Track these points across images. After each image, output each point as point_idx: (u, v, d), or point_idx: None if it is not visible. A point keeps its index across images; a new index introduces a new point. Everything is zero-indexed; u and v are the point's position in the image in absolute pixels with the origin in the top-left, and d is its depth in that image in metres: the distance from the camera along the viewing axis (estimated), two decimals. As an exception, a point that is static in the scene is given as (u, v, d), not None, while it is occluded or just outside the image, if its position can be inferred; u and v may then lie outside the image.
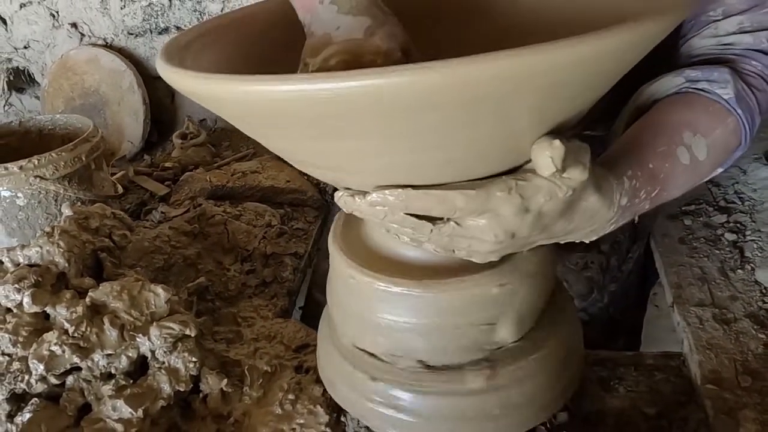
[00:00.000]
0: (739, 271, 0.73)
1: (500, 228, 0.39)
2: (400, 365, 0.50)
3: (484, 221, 0.39)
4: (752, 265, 0.73)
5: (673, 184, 0.49)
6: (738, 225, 0.81)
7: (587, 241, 0.46)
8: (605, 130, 0.67)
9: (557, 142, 0.35)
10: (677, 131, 0.50)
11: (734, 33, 0.57)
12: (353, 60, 0.43)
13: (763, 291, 0.69)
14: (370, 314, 0.50)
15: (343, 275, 0.51)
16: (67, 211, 0.70)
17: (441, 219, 0.40)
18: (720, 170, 0.56)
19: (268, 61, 0.51)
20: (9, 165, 0.80)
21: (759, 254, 0.75)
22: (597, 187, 0.41)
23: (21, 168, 0.80)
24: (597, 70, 0.34)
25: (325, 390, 0.61)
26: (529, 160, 0.38)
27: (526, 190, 0.38)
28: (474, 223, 0.39)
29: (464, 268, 0.46)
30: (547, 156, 0.36)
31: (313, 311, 0.89)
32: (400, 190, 0.38)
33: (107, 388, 0.58)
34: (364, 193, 0.40)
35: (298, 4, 0.49)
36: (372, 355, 0.52)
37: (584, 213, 0.41)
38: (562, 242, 0.45)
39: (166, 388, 0.59)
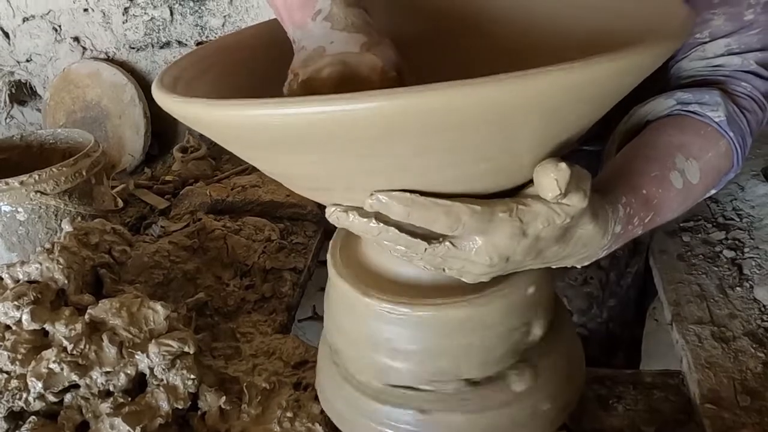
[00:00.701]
0: (738, 288, 0.73)
1: (495, 251, 0.38)
2: (444, 389, 0.49)
3: (480, 243, 0.38)
4: (751, 282, 0.74)
5: (666, 209, 0.49)
6: (736, 242, 0.81)
7: (579, 266, 0.46)
8: (602, 145, 0.67)
9: (563, 165, 0.35)
10: (670, 155, 0.50)
11: (722, 55, 0.57)
12: (348, 71, 0.43)
13: (762, 309, 0.70)
14: (393, 343, 0.49)
15: (358, 305, 0.50)
16: (67, 227, 0.70)
17: (435, 239, 0.39)
18: (713, 191, 0.56)
19: (262, 83, 0.52)
20: (10, 180, 0.80)
21: (757, 272, 0.75)
22: (594, 215, 0.41)
23: (22, 183, 0.80)
24: (595, 94, 0.34)
25: (323, 408, 0.61)
26: (528, 184, 0.38)
27: (526, 215, 0.37)
28: (469, 245, 0.39)
29: (471, 286, 0.46)
30: (552, 178, 0.35)
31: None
32: (407, 194, 0.36)
33: (105, 406, 0.58)
34: (357, 209, 0.39)
35: (287, 20, 0.49)
36: (409, 387, 0.50)
37: (579, 240, 0.41)
38: (553, 266, 0.45)
39: (165, 406, 0.59)
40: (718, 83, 0.56)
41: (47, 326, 0.60)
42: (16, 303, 0.60)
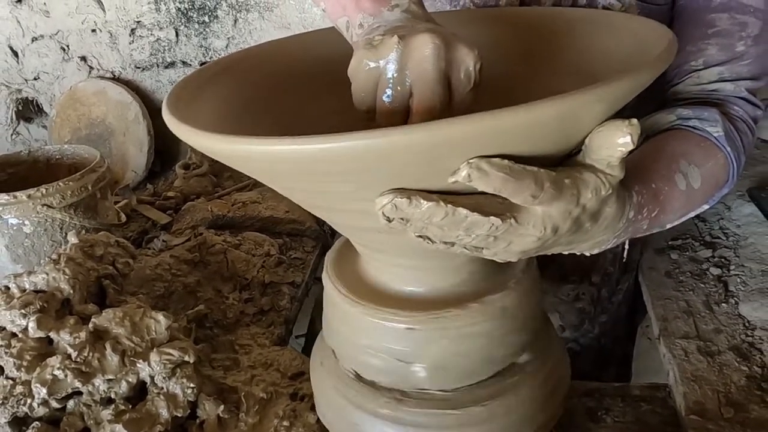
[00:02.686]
0: (724, 304, 0.75)
1: (550, 221, 0.37)
2: (424, 397, 0.50)
3: (539, 213, 0.36)
4: (736, 299, 0.76)
5: (670, 208, 0.49)
6: (723, 260, 0.83)
7: (588, 254, 0.46)
8: None
9: (635, 120, 0.34)
10: (674, 159, 0.52)
11: (716, 81, 0.60)
12: (440, 30, 0.41)
13: (746, 324, 0.72)
14: (379, 350, 0.50)
15: (347, 312, 0.52)
16: (73, 239, 0.73)
17: (498, 215, 0.36)
18: (706, 207, 0.58)
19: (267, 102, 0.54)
20: (18, 193, 0.83)
21: (743, 288, 0.77)
22: (618, 194, 0.40)
23: (29, 196, 0.83)
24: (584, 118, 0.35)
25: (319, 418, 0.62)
26: (573, 154, 0.37)
27: (580, 184, 0.36)
28: (528, 217, 0.36)
29: (467, 296, 0.48)
30: (627, 132, 0.34)
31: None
32: (504, 161, 0.34)
33: (107, 413, 0.59)
34: (422, 194, 0.35)
35: (354, 7, 0.46)
36: (403, 392, 0.51)
37: (604, 220, 0.41)
38: (566, 252, 0.44)
39: (164, 414, 0.60)
40: (715, 104, 0.59)
41: (52, 334, 0.62)
42: (22, 311, 0.62)
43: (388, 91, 0.40)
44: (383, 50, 0.40)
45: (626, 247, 0.52)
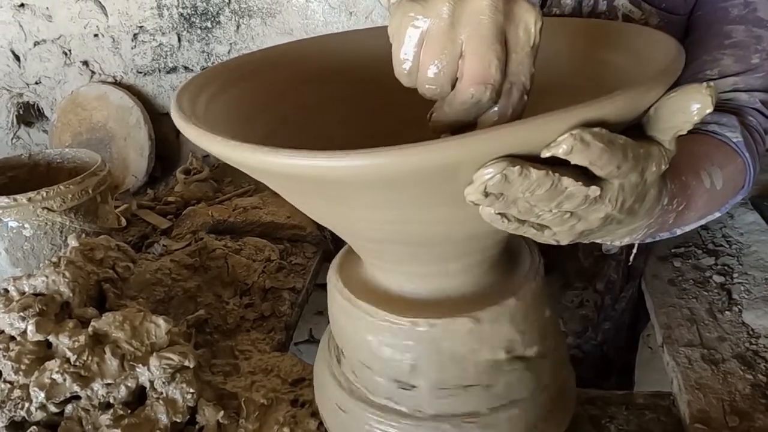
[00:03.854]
0: (727, 312, 0.75)
1: (622, 195, 0.35)
2: (422, 409, 0.50)
3: (616, 186, 0.35)
4: (740, 307, 0.75)
5: (695, 204, 0.49)
6: (726, 267, 0.83)
7: (619, 243, 0.45)
8: None
9: (711, 83, 0.33)
10: (699, 158, 0.52)
11: (730, 91, 0.60)
12: None
13: (750, 332, 0.71)
14: (383, 354, 0.50)
15: (352, 314, 0.51)
16: (73, 243, 0.72)
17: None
18: (717, 214, 0.57)
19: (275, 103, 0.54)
20: (18, 196, 0.82)
21: (746, 296, 0.77)
22: (661, 177, 0.39)
23: (29, 200, 0.82)
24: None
25: (320, 423, 0.61)
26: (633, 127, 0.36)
27: (647, 158, 0.35)
28: (608, 189, 0.35)
29: (472, 303, 0.48)
30: (706, 95, 0.33)
31: None
32: (605, 131, 0.32)
33: (105, 418, 0.59)
34: (533, 163, 0.32)
35: None
36: (389, 399, 0.51)
37: (647, 202, 0.39)
38: (600, 240, 0.43)
39: (163, 419, 0.59)
40: (731, 112, 0.59)
41: (51, 338, 0.61)
42: (21, 314, 0.61)
43: (436, 51, 0.35)
44: (432, 2, 0.35)
45: (634, 250, 0.51)
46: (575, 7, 0.67)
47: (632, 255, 0.49)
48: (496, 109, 0.35)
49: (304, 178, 0.34)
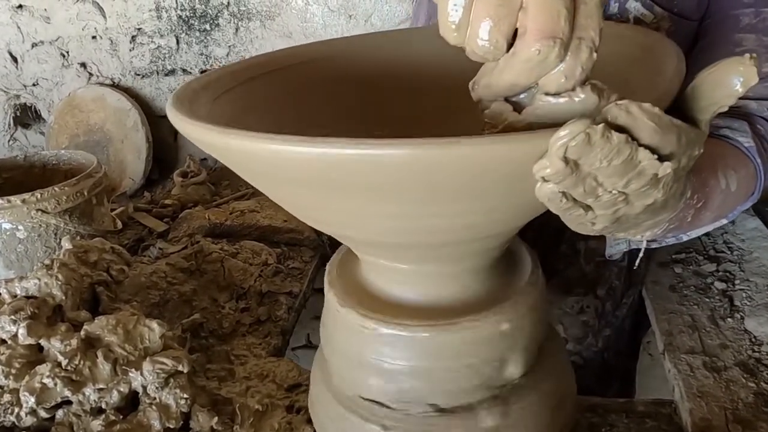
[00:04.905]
0: (729, 319, 0.74)
1: (672, 181, 0.34)
2: (411, 411, 0.49)
3: (669, 168, 0.32)
4: (741, 313, 0.74)
5: (711, 203, 0.48)
6: (727, 274, 0.82)
7: (638, 237, 0.44)
8: None
9: (750, 54, 0.31)
10: (714, 160, 0.51)
11: (739, 98, 0.60)
12: None
13: (753, 340, 0.70)
14: (374, 360, 0.49)
15: (343, 319, 0.51)
16: (67, 245, 0.71)
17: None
18: (724, 221, 0.56)
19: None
20: (12, 198, 0.81)
21: (748, 303, 0.76)
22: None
23: (24, 201, 0.82)
24: None
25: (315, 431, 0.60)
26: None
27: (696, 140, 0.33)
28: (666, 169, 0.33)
29: (467, 309, 0.47)
30: (750, 65, 0.31)
31: None
32: (657, 109, 0.30)
33: (97, 423, 0.58)
34: (609, 127, 0.29)
35: None
36: (378, 403, 0.50)
37: (675, 191, 0.38)
38: (621, 235, 0.42)
39: (157, 425, 0.58)
40: (741, 117, 0.58)
41: (42, 341, 0.60)
42: (12, 317, 0.60)
43: (492, 1, 0.30)
44: None
45: (640, 254, 0.50)
46: None
47: (638, 259, 0.48)
48: (561, 68, 0.31)
49: (337, 168, 0.32)
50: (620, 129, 0.30)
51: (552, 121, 0.32)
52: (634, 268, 0.61)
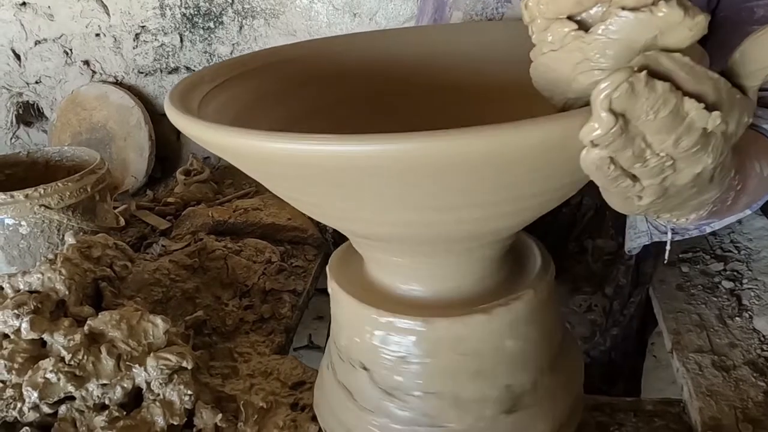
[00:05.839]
0: (737, 318, 0.73)
1: (721, 145, 0.33)
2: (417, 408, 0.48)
3: (719, 134, 0.32)
4: (750, 313, 0.74)
5: (749, 186, 0.47)
6: (735, 273, 0.82)
7: (682, 221, 0.43)
8: None
9: None
10: (747, 145, 0.48)
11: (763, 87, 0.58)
12: None
13: (762, 339, 0.70)
14: (380, 350, 0.49)
15: (350, 310, 0.51)
16: (70, 240, 0.71)
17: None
18: (748, 211, 0.54)
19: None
20: (15, 193, 0.81)
21: (756, 302, 0.75)
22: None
23: (27, 196, 0.81)
24: None
25: (320, 429, 0.60)
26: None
27: (742, 104, 0.32)
28: (712, 136, 0.32)
29: (471, 301, 0.46)
30: None
31: None
32: (687, 58, 0.30)
33: (100, 419, 0.57)
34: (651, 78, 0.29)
35: None
36: (384, 392, 0.50)
37: (724, 167, 0.37)
38: (666, 216, 0.42)
39: (160, 421, 0.58)
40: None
41: (46, 336, 0.59)
42: (15, 312, 0.60)
43: None
44: None
45: (667, 247, 0.49)
46: None
47: (666, 253, 0.47)
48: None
49: (353, 164, 0.32)
50: (663, 78, 0.29)
51: (627, 41, 0.30)
52: (664, 262, 0.60)
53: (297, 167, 0.34)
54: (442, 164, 0.31)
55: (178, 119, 0.39)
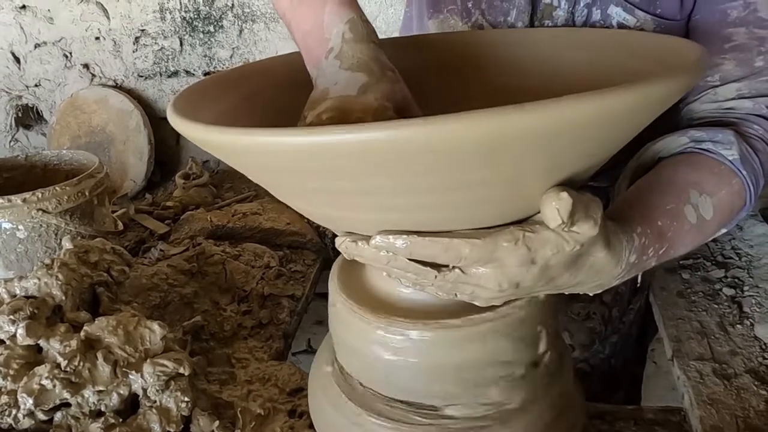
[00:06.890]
0: (738, 326, 0.73)
1: (504, 278, 0.38)
2: (414, 409, 0.48)
3: (488, 270, 0.38)
4: (751, 320, 0.73)
5: (680, 243, 0.48)
6: (736, 280, 0.81)
7: (591, 294, 0.45)
8: (608, 181, 0.68)
9: (565, 194, 0.35)
10: (684, 190, 0.50)
11: (733, 99, 0.58)
12: (342, 117, 0.44)
13: (763, 347, 0.69)
14: (379, 357, 0.48)
15: (347, 318, 0.50)
16: (67, 245, 0.70)
17: (446, 266, 0.39)
18: (724, 230, 0.56)
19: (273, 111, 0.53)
20: (12, 197, 0.81)
21: (758, 310, 0.75)
22: (606, 243, 0.40)
23: (24, 200, 0.81)
24: (610, 127, 0.33)
25: (318, 435, 0.59)
26: (539, 211, 0.37)
27: (534, 242, 0.37)
28: (478, 272, 0.38)
29: (471, 307, 0.46)
30: (554, 207, 0.35)
31: None
32: (405, 236, 0.37)
33: (96, 426, 0.56)
34: (367, 239, 0.39)
35: (306, 57, 0.50)
36: (382, 397, 0.50)
37: (591, 268, 0.41)
38: (566, 293, 0.44)
39: (157, 429, 0.57)
40: (730, 124, 0.57)
41: (42, 342, 0.59)
42: (11, 317, 0.59)
43: None
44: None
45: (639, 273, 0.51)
46: (568, 18, 0.66)
47: (639, 275, 0.49)
48: None
49: (359, 153, 0.31)
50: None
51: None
52: (636, 281, 0.62)
53: (312, 158, 0.34)
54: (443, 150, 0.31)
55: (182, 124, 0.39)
